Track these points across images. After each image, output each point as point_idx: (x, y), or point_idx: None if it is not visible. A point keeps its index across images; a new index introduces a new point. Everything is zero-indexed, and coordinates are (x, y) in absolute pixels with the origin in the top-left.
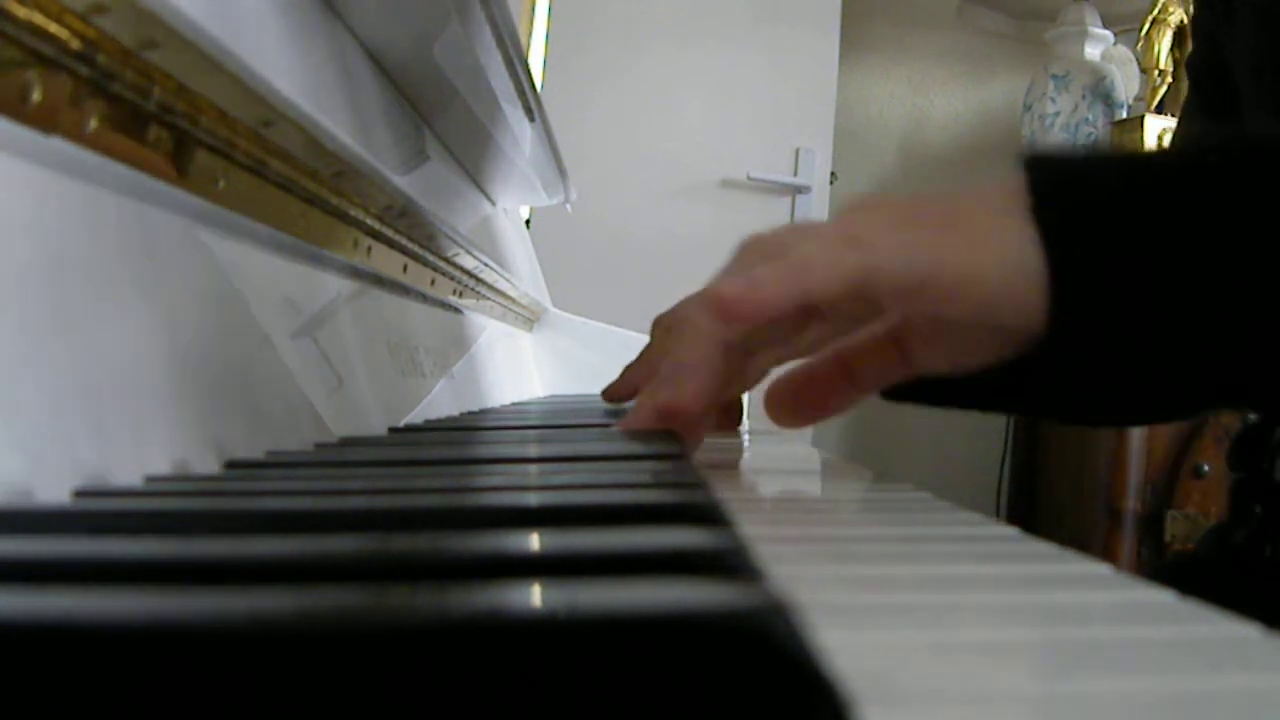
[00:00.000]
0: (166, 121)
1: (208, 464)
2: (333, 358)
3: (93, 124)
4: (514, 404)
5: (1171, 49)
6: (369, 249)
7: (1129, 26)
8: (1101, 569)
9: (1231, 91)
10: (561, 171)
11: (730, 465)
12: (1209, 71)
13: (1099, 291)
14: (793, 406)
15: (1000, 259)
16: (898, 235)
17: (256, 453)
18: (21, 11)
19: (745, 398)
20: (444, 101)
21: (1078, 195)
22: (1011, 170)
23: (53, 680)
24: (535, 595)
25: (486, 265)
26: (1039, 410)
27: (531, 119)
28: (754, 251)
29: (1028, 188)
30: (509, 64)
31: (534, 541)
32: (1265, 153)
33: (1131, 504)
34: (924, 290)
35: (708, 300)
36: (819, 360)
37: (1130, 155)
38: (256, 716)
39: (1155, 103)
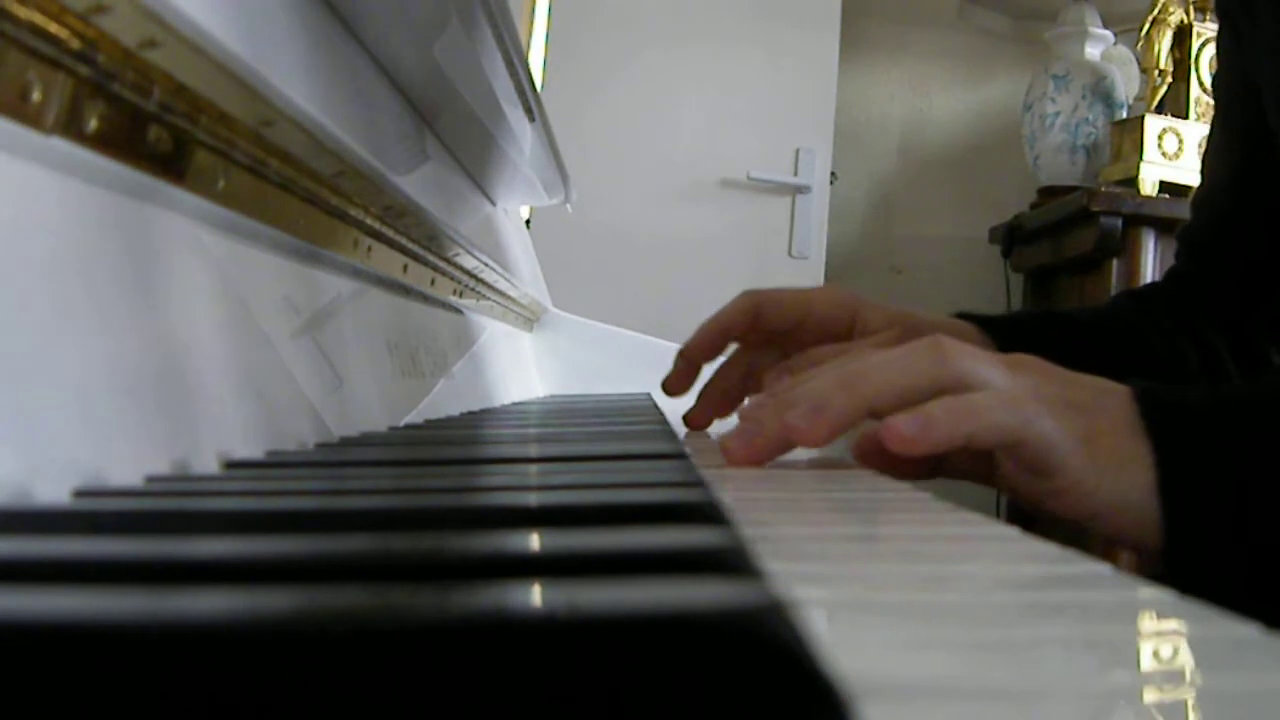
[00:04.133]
0: (166, 121)
1: (208, 464)
2: (333, 358)
3: (93, 124)
4: (514, 404)
5: (1171, 49)
6: (369, 249)
7: (1129, 26)
8: (1102, 568)
9: (1258, 107)
10: (561, 171)
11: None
12: (1232, 88)
13: (1208, 540)
14: (880, 466)
15: (1114, 485)
16: (1054, 413)
17: (256, 453)
18: (22, 11)
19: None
20: (444, 101)
21: (1190, 442)
22: (1129, 397)
23: (53, 680)
24: (535, 595)
25: (487, 265)
26: None
27: (531, 119)
28: (932, 361)
29: (1145, 431)
30: (509, 64)
31: (534, 542)
32: None
33: None
34: (1045, 469)
35: (855, 397)
36: None
37: (1231, 397)
38: (257, 717)
39: (1155, 103)
